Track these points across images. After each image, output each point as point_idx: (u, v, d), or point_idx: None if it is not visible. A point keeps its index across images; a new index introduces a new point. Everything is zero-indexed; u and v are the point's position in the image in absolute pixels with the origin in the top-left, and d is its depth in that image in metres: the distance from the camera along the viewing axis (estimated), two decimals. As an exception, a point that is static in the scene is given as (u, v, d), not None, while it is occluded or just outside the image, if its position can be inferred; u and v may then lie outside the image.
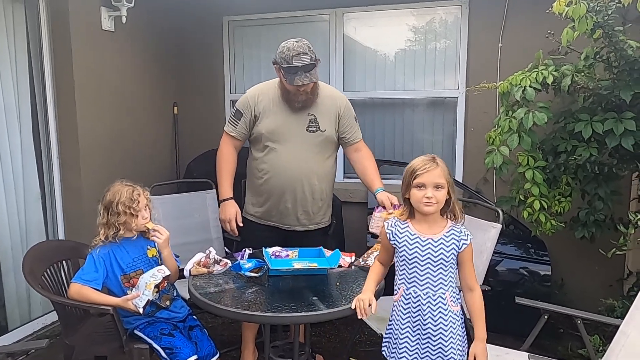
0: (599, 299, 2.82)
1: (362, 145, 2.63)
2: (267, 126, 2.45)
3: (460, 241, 1.77)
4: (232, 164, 2.57)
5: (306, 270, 2.12)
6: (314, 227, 2.57)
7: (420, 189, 1.75)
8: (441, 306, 1.77)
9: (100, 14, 3.25)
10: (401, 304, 1.83)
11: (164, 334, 2.12)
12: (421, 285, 1.78)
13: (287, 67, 2.31)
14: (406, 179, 1.80)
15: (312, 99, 2.43)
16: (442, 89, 3.67)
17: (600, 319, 2.17)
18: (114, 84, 3.41)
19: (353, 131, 2.57)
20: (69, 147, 3.16)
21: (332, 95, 2.54)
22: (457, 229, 1.80)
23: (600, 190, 2.68)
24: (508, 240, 3.18)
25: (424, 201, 1.74)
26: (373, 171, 2.57)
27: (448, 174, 1.78)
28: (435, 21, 3.66)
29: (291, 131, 2.44)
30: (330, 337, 3.16)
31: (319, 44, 3.86)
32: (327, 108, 2.48)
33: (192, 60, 4.08)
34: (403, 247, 1.80)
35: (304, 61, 2.29)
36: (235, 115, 2.53)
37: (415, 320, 1.80)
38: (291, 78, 2.31)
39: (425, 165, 1.75)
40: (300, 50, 2.30)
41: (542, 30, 2.78)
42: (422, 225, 1.80)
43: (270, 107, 2.46)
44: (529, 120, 2.50)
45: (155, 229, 2.15)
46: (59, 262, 2.36)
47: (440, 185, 1.74)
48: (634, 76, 2.46)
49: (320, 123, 2.46)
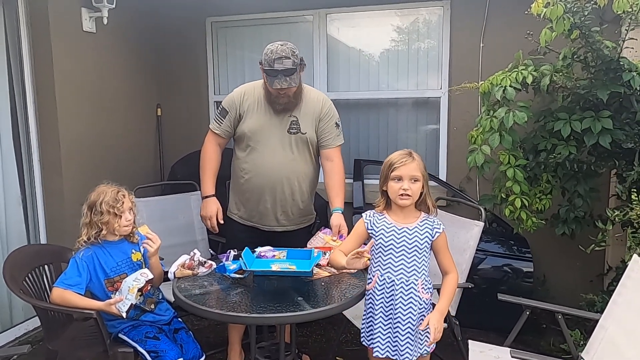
0: (580, 294, 2.88)
1: (337, 154, 2.55)
2: (250, 126, 2.46)
3: (434, 229, 1.90)
4: (215, 162, 2.57)
5: (285, 273, 2.11)
6: (294, 227, 2.57)
7: (397, 182, 1.86)
8: (412, 292, 1.87)
9: (81, 15, 3.22)
10: (375, 290, 1.92)
11: (149, 338, 2.10)
12: (395, 271, 1.88)
13: (269, 69, 2.31)
14: (384, 172, 1.91)
15: (294, 102, 2.43)
16: (425, 89, 3.71)
17: (580, 314, 2.22)
18: (96, 85, 3.38)
19: (330, 136, 2.52)
20: (50, 149, 3.12)
21: (316, 99, 2.53)
22: (430, 220, 1.92)
23: (579, 188, 2.74)
24: (491, 238, 3.22)
25: (400, 193, 1.85)
26: (338, 188, 2.53)
27: (424, 168, 1.89)
28: (418, 22, 3.69)
29: (272, 132, 2.45)
30: (316, 337, 3.16)
31: (303, 45, 3.87)
32: (310, 110, 2.49)
33: (175, 61, 4.05)
34: (380, 236, 1.90)
35: (285, 65, 2.28)
36: (221, 113, 2.54)
37: (388, 304, 1.89)
38: (271, 81, 2.32)
39: (402, 159, 1.86)
40: (282, 54, 2.29)
41: (522, 31, 2.82)
42: (398, 216, 1.92)
43: (254, 107, 2.47)
44: (510, 119, 2.54)
45: (148, 236, 2.15)
46: (41, 266, 2.32)
47: (416, 178, 1.85)
48: (610, 75, 2.52)
49: (302, 125, 2.46)
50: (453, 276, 1.93)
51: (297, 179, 2.48)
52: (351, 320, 2.44)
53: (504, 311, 2.38)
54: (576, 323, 2.66)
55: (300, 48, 3.86)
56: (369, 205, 3.64)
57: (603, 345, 1.95)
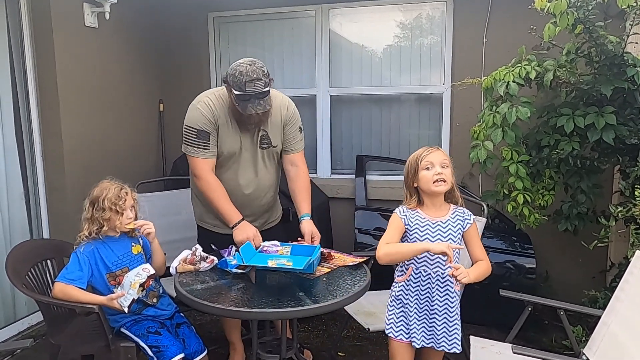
0: (583, 291, 2.87)
1: (301, 159, 2.49)
2: (229, 147, 2.33)
3: (465, 221, 1.92)
4: (221, 187, 2.34)
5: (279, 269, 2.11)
6: (267, 226, 2.56)
7: (428, 169, 1.87)
8: (449, 284, 1.89)
9: (83, 10, 3.21)
10: (410, 284, 1.92)
11: (151, 332, 2.10)
12: (431, 265, 1.89)
13: (240, 94, 2.14)
14: (412, 166, 1.92)
15: (264, 120, 2.31)
16: (428, 84, 3.69)
17: (582, 310, 2.21)
18: (98, 81, 3.38)
19: (294, 141, 2.46)
20: (52, 145, 3.12)
21: (280, 105, 2.41)
22: (460, 211, 1.94)
23: (582, 184, 2.72)
24: (494, 234, 3.22)
25: (435, 179, 1.85)
26: (304, 194, 2.46)
27: (449, 157, 1.93)
28: (421, 17, 3.68)
29: (248, 150, 2.37)
30: (318, 332, 3.17)
31: (305, 40, 3.87)
32: (276, 121, 2.39)
33: (177, 56, 4.05)
34: (414, 231, 1.90)
35: (258, 88, 2.13)
36: (203, 137, 2.28)
37: (424, 296, 1.90)
38: (244, 105, 2.16)
39: (428, 149, 1.91)
40: (254, 76, 2.13)
41: (525, 26, 2.80)
42: (430, 210, 1.93)
43: (227, 127, 2.32)
44: (513, 115, 2.53)
45: (137, 225, 2.15)
46: (44, 261, 2.33)
47: (446, 164, 1.88)
48: (614, 71, 2.50)
49: (272, 139, 2.39)
50: (486, 263, 1.93)
51: (268, 191, 2.48)
52: (353, 316, 2.44)
53: (506, 307, 2.38)
54: (578, 319, 2.64)
55: (302, 43, 3.87)
56: (371, 201, 3.64)
57: (605, 341, 1.94)
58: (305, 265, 2.03)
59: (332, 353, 2.87)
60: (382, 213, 3.45)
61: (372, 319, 2.41)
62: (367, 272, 2.15)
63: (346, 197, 3.74)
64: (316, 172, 3.92)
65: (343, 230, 3.63)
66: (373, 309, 2.52)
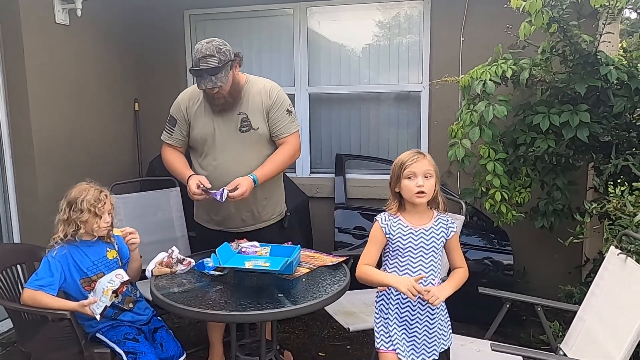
0: (559, 286, 2.92)
1: (291, 139, 2.43)
2: (201, 132, 2.38)
3: (448, 229, 1.90)
4: (180, 156, 2.47)
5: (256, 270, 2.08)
6: (263, 225, 2.51)
7: (411, 179, 1.83)
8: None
9: (54, 6, 3.11)
10: (391, 292, 1.89)
11: (128, 339, 2.06)
12: (413, 272, 1.87)
13: (194, 70, 2.23)
14: (395, 172, 1.87)
15: (231, 102, 2.33)
16: (407, 83, 3.70)
17: (558, 306, 2.25)
18: (70, 79, 3.29)
19: (282, 124, 2.40)
20: (22, 145, 3.03)
21: (262, 90, 2.40)
22: (443, 218, 1.91)
23: (558, 181, 2.77)
24: (472, 232, 3.25)
25: (416, 191, 1.82)
26: (272, 158, 2.39)
27: (435, 166, 1.88)
28: (399, 16, 3.68)
29: (224, 134, 2.36)
30: (298, 333, 3.15)
31: (283, 38, 3.84)
32: (257, 104, 2.38)
33: (153, 54, 3.97)
34: (397, 239, 1.87)
35: (210, 64, 2.19)
36: (170, 122, 2.45)
37: (404, 305, 1.87)
38: (198, 81, 2.24)
39: (413, 156, 1.84)
40: (206, 53, 2.20)
41: (502, 24, 2.83)
42: (413, 217, 1.89)
43: (201, 112, 2.39)
44: (490, 113, 2.55)
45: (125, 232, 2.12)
46: (14, 266, 2.26)
47: (430, 173, 1.84)
48: (587, 69, 2.54)
49: (252, 121, 2.37)
50: (463, 270, 1.94)
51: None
52: (333, 316, 2.43)
53: (485, 304, 2.39)
54: (555, 314, 2.69)
55: (280, 42, 3.83)
56: (350, 200, 3.64)
57: (581, 336, 1.98)
58: (282, 267, 2.00)
59: (313, 353, 2.86)
60: (362, 212, 3.45)
61: (352, 319, 2.40)
62: (346, 272, 2.14)
63: (326, 196, 3.72)
64: (295, 171, 3.89)
65: (323, 230, 3.61)
66: (353, 308, 2.51)
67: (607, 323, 1.86)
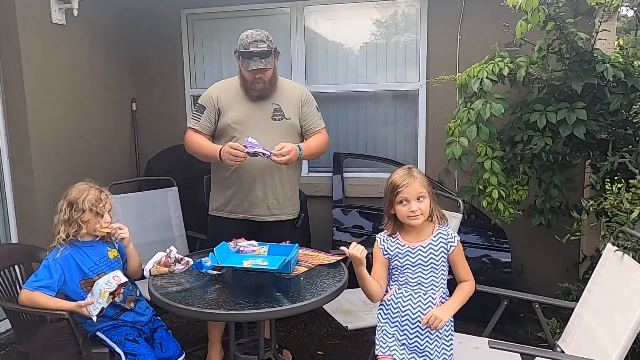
0: (557, 283, 2.92)
1: (323, 132, 2.65)
2: (233, 117, 2.47)
3: (448, 244, 1.89)
4: (204, 137, 2.51)
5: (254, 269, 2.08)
6: (284, 217, 2.55)
7: (404, 205, 1.83)
8: (430, 307, 1.87)
9: (50, 6, 3.11)
10: (391, 303, 1.91)
11: (129, 340, 2.06)
12: (412, 287, 1.88)
13: (244, 52, 2.37)
14: (388, 197, 1.87)
15: (269, 89, 2.46)
16: (404, 81, 3.70)
17: (556, 303, 2.25)
18: (67, 79, 3.28)
19: (314, 119, 2.59)
20: (19, 146, 3.02)
21: (294, 87, 2.61)
22: (444, 232, 1.90)
23: (555, 179, 2.77)
24: (470, 229, 3.25)
25: (410, 215, 1.82)
26: (313, 138, 2.57)
27: (427, 182, 1.87)
28: (396, 15, 3.68)
29: (257, 120, 2.46)
30: (297, 332, 3.15)
31: (280, 37, 3.82)
32: (290, 97, 2.53)
33: (150, 54, 3.97)
34: (395, 259, 1.89)
35: (261, 48, 2.36)
36: (198, 110, 2.53)
37: (404, 318, 1.88)
38: (247, 63, 2.36)
39: (404, 180, 1.82)
40: (257, 38, 2.37)
41: (499, 22, 2.83)
42: (411, 235, 1.90)
43: (233, 101, 2.49)
44: (487, 111, 2.55)
45: (112, 228, 2.11)
46: (12, 266, 2.25)
47: (423, 195, 1.83)
48: (584, 67, 2.55)
49: (285, 111, 2.50)
50: (469, 283, 1.93)
51: (285, 166, 2.44)
52: (331, 315, 2.43)
53: (483, 302, 2.40)
54: (553, 312, 2.69)
55: (277, 41, 3.82)
56: (348, 199, 3.64)
57: (579, 333, 1.98)
58: (280, 265, 2.00)
59: (312, 352, 2.86)
60: (360, 210, 3.45)
61: (350, 317, 2.41)
62: (344, 270, 2.14)
63: (324, 195, 3.72)
64: (293, 170, 3.89)
65: (321, 228, 3.61)
66: (351, 307, 2.52)
67: (605, 320, 1.87)
